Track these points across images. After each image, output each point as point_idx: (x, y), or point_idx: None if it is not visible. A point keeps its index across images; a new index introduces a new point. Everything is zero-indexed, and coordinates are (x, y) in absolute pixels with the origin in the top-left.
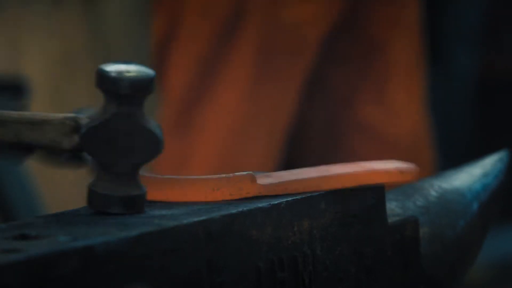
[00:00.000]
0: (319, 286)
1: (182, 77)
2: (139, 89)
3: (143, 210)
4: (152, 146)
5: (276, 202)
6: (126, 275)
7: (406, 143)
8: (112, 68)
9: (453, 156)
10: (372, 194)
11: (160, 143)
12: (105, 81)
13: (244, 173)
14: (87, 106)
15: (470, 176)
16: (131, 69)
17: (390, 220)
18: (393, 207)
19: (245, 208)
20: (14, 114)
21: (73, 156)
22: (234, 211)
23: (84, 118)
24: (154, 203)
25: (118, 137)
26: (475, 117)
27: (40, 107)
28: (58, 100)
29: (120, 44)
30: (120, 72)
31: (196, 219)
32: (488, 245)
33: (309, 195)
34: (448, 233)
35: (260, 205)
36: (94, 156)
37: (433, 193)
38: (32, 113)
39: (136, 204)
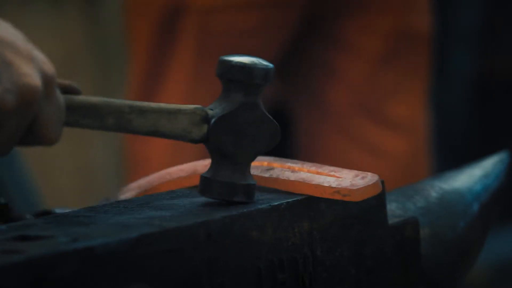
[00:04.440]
0: (319, 287)
1: (139, 67)
2: (268, 79)
3: (254, 199)
4: (272, 135)
5: (276, 203)
6: (126, 276)
7: (404, 159)
8: (240, 59)
9: (454, 157)
10: (373, 195)
11: (279, 132)
12: (236, 71)
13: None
14: None
15: (470, 177)
16: (256, 61)
17: (391, 221)
18: (394, 208)
19: (245, 210)
20: (153, 104)
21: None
22: (234, 212)
23: (211, 110)
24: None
25: (245, 127)
26: (475, 118)
27: None
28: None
29: (120, 43)
30: (253, 63)
31: (196, 220)
32: (489, 245)
33: (309, 196)
34: (449, 234)
35: (260, 206)
36: (221, 145)
37: (433, 194)
38: (166, 104)
39: (254, 193)
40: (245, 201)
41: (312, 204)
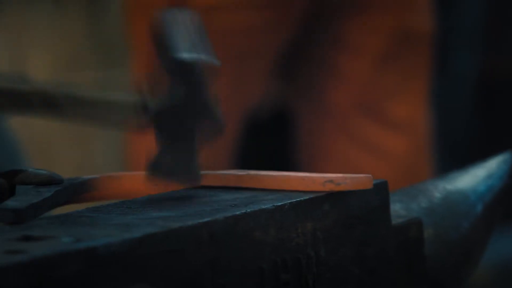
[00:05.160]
0: (323, 287)
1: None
2: (210, 73)
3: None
4: (215, 127)
5: (279, 203)
6: (129, 276)
7: (405, 159)
8: (184, 51)
9: (457, 158)
10: (376, 196)
11: (222, 124)
12: (179, 64)
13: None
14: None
15: (474, 178)
16: (201, 53)
17: (394, 221)
18: (397, 209)
19: (248, 210)
20: (91, 93)
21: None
22: (237, 212)
23: (152, 99)
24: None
25: (185, 119)
26: (478, 119)
27: None
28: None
29: (121, 43)
30: (194, 57)
31: (199, 220)
32: (492, 246)
33: (312, 196)
34: (452, 235)
35: (263, 206)
36: (161, 136)
37: (437, 194)
38: (106, 93)
39: (195, 179)
40: (181, 186)
41: (315, 205)
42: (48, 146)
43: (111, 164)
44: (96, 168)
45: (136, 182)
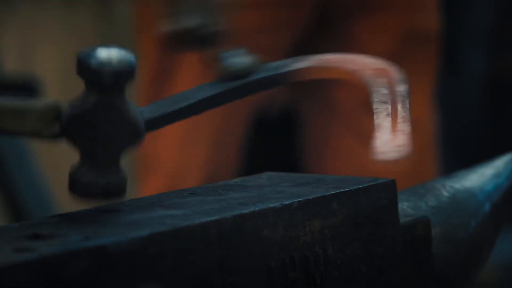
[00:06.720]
0: (330, 286)
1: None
2: (121, 78)
3: (123, 195)
4: (132, 135)
5: (287, 202)
6: (138, 275)
7: (412, 159)
8: (93, 55)
9: (465, 157)
10: (384, 195)
11: (140, 131)
12: (86, 71)
13: None
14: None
15: (482, 177)
16: (113, 57)
17: (402, 220)
18: (405, 207)
19: (256, 208)
20: None
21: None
22: (245, 211)
23: (65, 106)
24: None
25: (99, 126)
26: (487, 118)
27: None
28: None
29: (131, 42)
30: (102, 62)
31: (208, 219)
32: (499, 245)
33: (320, 195)
34: (460, 234)
35: (271, 205)
36: (75, 144)
37: (445, 193)
38: (13, 102)
39: (116, 191)
40: (104, 199)
41: (323, 203)
42: (53, 143)
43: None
44: None
45: None
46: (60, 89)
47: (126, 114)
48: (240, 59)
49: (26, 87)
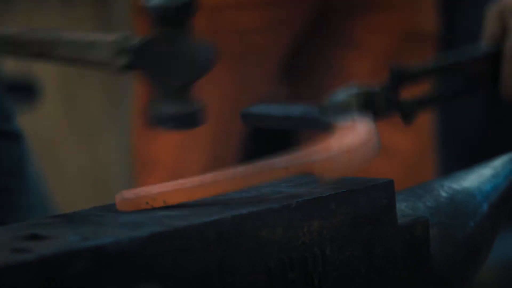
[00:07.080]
0: (329, 286)
1: None
2: (182, 12)
3: (196, 125)
4: (197, 66)
5: (286, 202)
6: (137, 275)
7: (410, 158)
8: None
9: (464, 157)
10: (383, 195)
11: (203, 62)
12: (151, 5)
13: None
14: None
15: (480, 177)
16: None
17: (400, 220)
18: (403, 208)
19: (255, 209)
20: (74, 35)
21: None
22: (245, 211)
23: (133, 40)
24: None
25: (164, 58)
26: (485, 119)
27: (51, 107)
28: (69, 100)
29: None
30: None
31: (207, 219)
32: (497, 245)
33: (319, 195)
34: (458, 234)
35: (270, 205)
36: (146, 74)
37: (443, 194)
38: (87, 34)
39: (189, 121)
40: (181, 128)
41: (322, 204)
42: (52, 144)
43: (118, 163)
44: (102, 167)
45: None
46: (59, 90)
47: (190, 47)
48: None
49: (25, 88)
